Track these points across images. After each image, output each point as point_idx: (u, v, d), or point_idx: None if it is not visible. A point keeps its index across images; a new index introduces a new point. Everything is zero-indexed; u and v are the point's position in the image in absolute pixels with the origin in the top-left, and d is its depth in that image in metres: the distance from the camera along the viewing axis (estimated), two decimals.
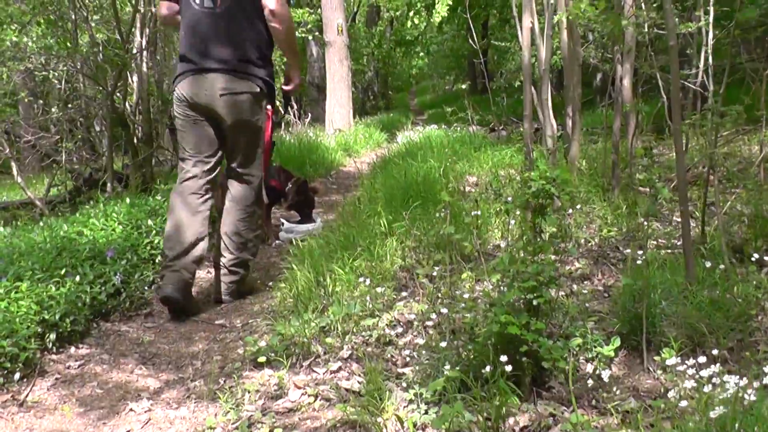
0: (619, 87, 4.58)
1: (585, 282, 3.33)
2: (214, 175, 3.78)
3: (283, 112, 11.89)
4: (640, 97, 5.96)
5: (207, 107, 3.62)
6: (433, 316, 2.85)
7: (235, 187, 3.84)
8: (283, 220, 5.30)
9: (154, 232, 4.47)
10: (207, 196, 3.76)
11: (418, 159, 6.63)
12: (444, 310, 2.65)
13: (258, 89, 3.66)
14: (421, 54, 26.75)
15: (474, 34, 9.05)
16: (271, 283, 4.01)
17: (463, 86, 11.60)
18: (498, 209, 4.27)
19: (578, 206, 4.25)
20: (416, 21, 26.43)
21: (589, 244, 3.83)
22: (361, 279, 3.27)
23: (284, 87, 4.08)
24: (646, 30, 4.74)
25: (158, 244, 4.34)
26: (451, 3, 21.45)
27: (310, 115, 12.87)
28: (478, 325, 2.47)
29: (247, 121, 3.68)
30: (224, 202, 3.90)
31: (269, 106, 3.84)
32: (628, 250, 3.27)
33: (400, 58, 26.44)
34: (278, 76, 10.56)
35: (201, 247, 3.71)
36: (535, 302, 2.33)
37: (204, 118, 3.67)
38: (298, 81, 4.08)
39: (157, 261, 4.26)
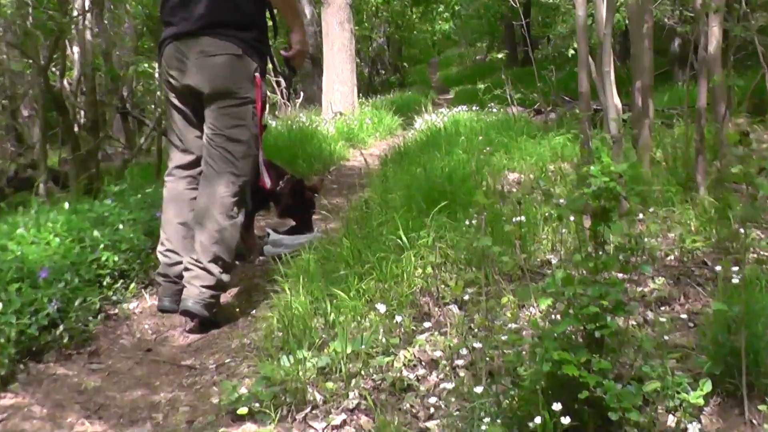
0: (704, 55, 4.57)
1: (663, 307, 3.32)
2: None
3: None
4: (732, 68, 5.93)
5: (183, 78, 3.93)
6: (465, 352, 2.85)
7: (210, 179, 3.99)
8: (269, 230, 5.31)
9: (101, 245, 4.49)
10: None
11: (442, 150, 6.65)
12: (478, 345, 2.65)
13: (240, 51, 3.89)
14: (445, 15, 26.73)
15: None
16: (254, 312, 4.02)
17: (500, 56, 11.64)
18: (548, 214, 4.27)
19: (652, 209, 4.24)
20: None
21: (668, 259, 3.83)
22: (372, 305, 3.28)
23: (283, 53, 4.29)
24: None
25: (107, 261, 4.37)
26: None
27: (302, 94, 12.94)
28: (524, 364, 2.47)
29: (227, 90, 3.90)
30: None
31: (257, 74, 4.01)
32: (720, 267, 3.25)
33: (417, 21, 26.47)
34: None
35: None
36: (597, 334, 2.33)
37: (184, 97, 4.01)
38: (300, 47, 4.28)
39: (105, 283, 4.29)
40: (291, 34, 4.28)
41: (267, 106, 4.16)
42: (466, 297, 3.25)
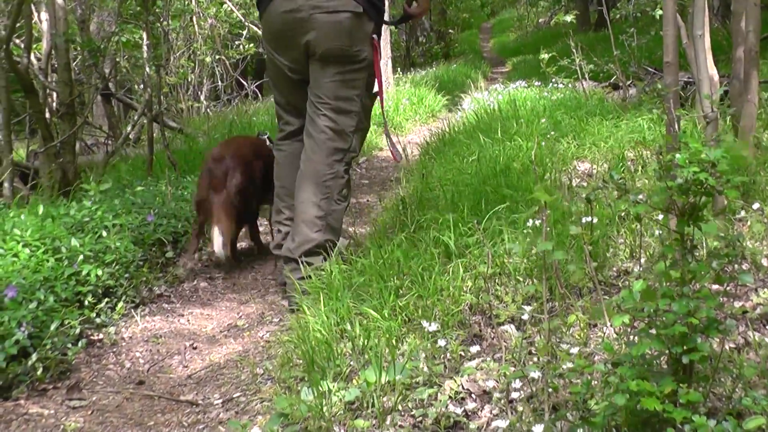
0: None
1: None
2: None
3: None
4: None
5: (294, 35, 4.40)
6: (523, 383, 2.88)
7: (311, 156, 4.53)
8: None
9: (81, 256, 4.57)
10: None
11: (498, 136, 6.67)
12: (538, 374, 2.67)
13: (361, 8, 4.37)
14: None
15: None
16: (267, 336, 4.07)
17: (568, 18, 11.52)
18: (625, 212, 4.28)
19: (756, 205, 4.23)
20: None
21: None
22: (411, 326, 3.31)
23: (407, 8, 4.85)
24: None
25: (89, 276, 4.45)
26: None
27: None
28: (594, 396, 2.50)
29: (344, 51, 4.43)
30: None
31: (375, 36, 4.55)
32: None
33: None
34: None
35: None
36: (685, 359, 2.33)
37: (291, 55, 4.53)
38: (426, 5, 4.87)
39: (86, 303, 4.36)
40: None
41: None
42: (525, 315, 3.28)
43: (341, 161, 4.53)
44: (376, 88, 4.76)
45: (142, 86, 8.76)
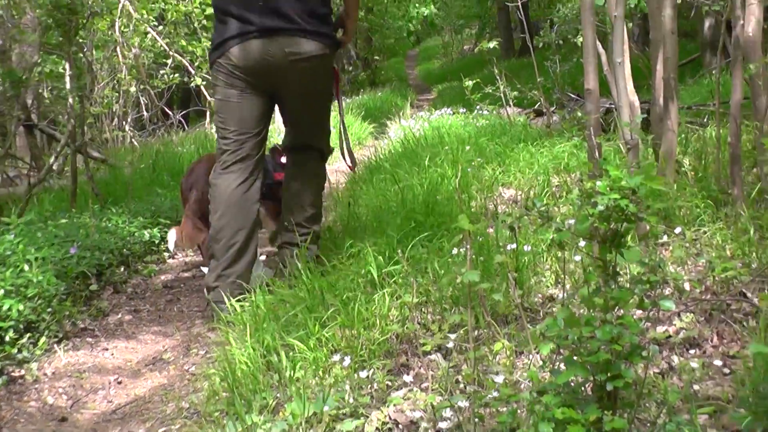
0: (738, 37, 4.56)
1: (692, 350, 3.33)
2: (261, 153, 4.98)
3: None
4: None
5: (269, 75, 4.75)
6: (450, 413, 2.87)
7: (301, 160, 5.22)
8: (204, 269, 5.32)
9: (2, 291, 4.46)
10: (256, 179, 4.92)
11: (424, 164, 6.69)
12: (465, 404, 2.66)
13: (328, 50, 4.84)
14: None
15: None
16: (193, 368, 4.02)
17: (491, 45, 11.65)
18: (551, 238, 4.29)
19: (678, 230, 4.27)
20: None
21: (697, 291, 3.85)
22: (336, 357, 3.29)
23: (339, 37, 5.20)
24: None
25: (10, 311, 4.34)
26: None
27: None
28: (521, 425, 2.49)
29: (318, 90, 4.98)
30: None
31: (335, 66, 5.14)
32: (759, 302, 3.28)
33: (391, 3, 26.58)
34: None
35: (255, 247, 4.87)
36: (609, 386, 2.33)
37: (260, 87, 4.83)
38: (350, 36, 5.37)
39: (7, 338, 4.27)
40: (348, 21, 5.19)
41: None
42: (451, 344, 3.27)
43: (323, 164, 5.34)
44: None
45: (66, 117, 8.65)
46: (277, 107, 5.20)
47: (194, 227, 5.77)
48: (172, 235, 5.83)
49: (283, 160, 5.55)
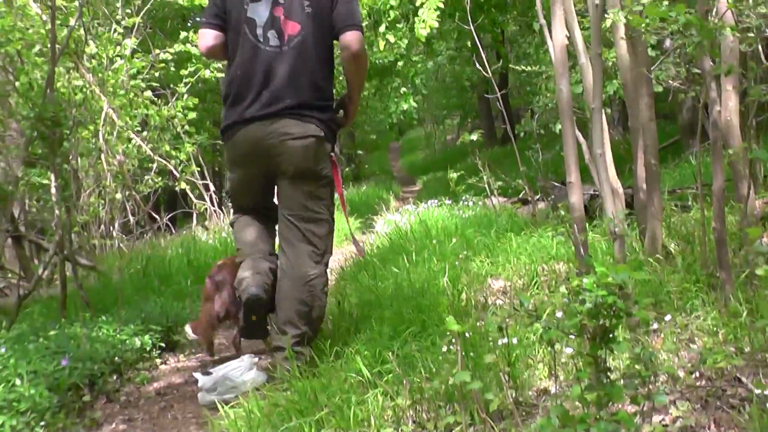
0: (716, 120, 4.50)
1: None
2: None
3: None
4: (755, 137, 5.84)
5: (265, 157, 4.92)
6: None
7: (298, 251, 5.05)
8: (197, 375, 5.29)
9: None
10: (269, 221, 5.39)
11: (411, 258, 6.69)
12: None
13: (322, 133, 4.93)
14: (403, 90, 26.97)
15: (483, 52, 9.20)
16: None
17: (473, 136, 11.72)
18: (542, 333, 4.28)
19: (668, 317, 4.25)
20: (391, 39, 26.98)
21: (693, 376, 3.83)
22: None
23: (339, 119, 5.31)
24: (754, 34, 4.74)
25: (2, 427, 4.30)
26: (443, 6, 21.71)
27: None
28: None
29: (310, 170, 4.96)
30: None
31: (333, 154, 5.12)
32: (754, 387, 3.26)
33: (372, 97, 26.79)
34: None
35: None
36: None
37: (260, 171, 5.07)
38: (350, 120, 5.43)
39: None
40: (349, 105, 5.29)
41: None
42: None
43: (321, 263, 5.08)
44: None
45: (53, 226, 8.67)
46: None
47: (209, 325, 5.83)
48: (188, 328, 5.99)
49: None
